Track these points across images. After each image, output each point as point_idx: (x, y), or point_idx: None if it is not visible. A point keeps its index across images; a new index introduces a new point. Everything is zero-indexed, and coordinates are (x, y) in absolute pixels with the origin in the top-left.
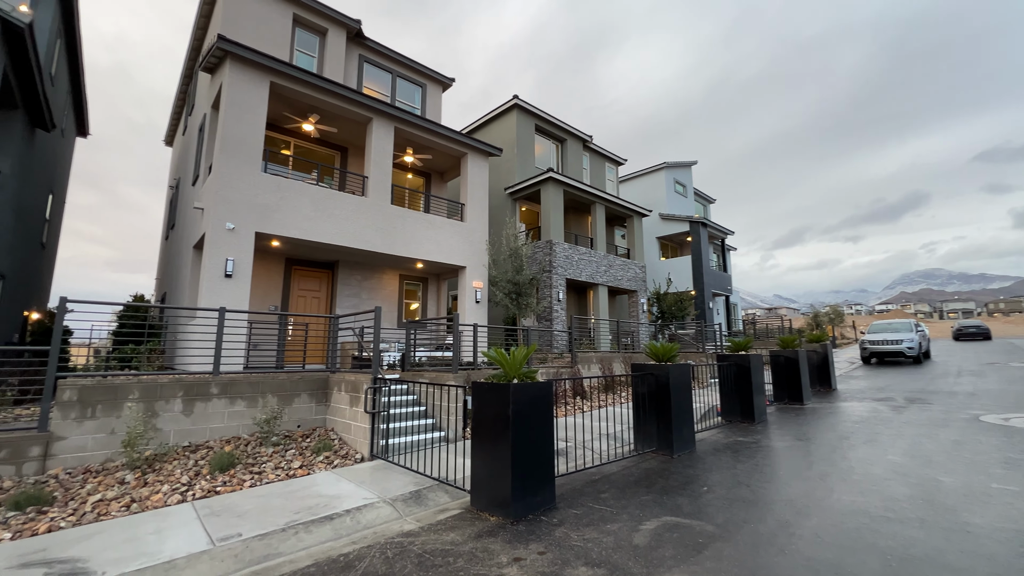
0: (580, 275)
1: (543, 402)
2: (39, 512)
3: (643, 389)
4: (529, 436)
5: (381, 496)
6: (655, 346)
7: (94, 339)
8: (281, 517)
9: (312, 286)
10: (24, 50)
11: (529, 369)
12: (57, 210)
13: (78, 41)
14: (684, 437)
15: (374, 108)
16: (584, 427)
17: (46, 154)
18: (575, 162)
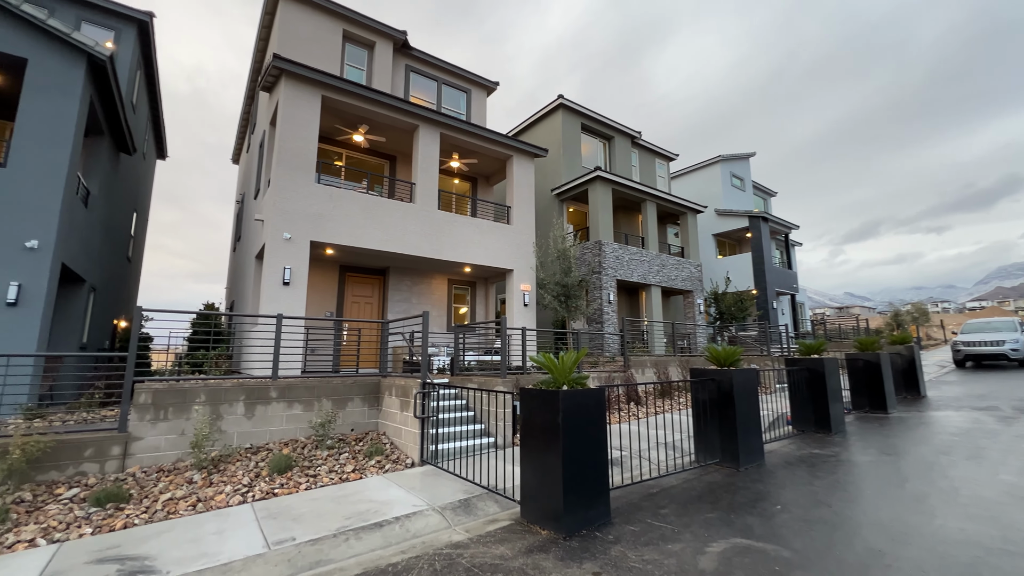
0: (631, 276)
1: (595, 410)
2: (117, 508)
3: (704, 396)
4: (581, 446)
5: (430, 504)
6: (716, 350)
7: (172, 345)
8: (333, 522)
9: (365, 292)
10: (107, 81)
11: (579, 375)
12: (141, 227)
13: (155, 72)
14: (751, 448)
15: (420, 115)
16: (639, 435)
17: (129, 176)
18: (623, 160)
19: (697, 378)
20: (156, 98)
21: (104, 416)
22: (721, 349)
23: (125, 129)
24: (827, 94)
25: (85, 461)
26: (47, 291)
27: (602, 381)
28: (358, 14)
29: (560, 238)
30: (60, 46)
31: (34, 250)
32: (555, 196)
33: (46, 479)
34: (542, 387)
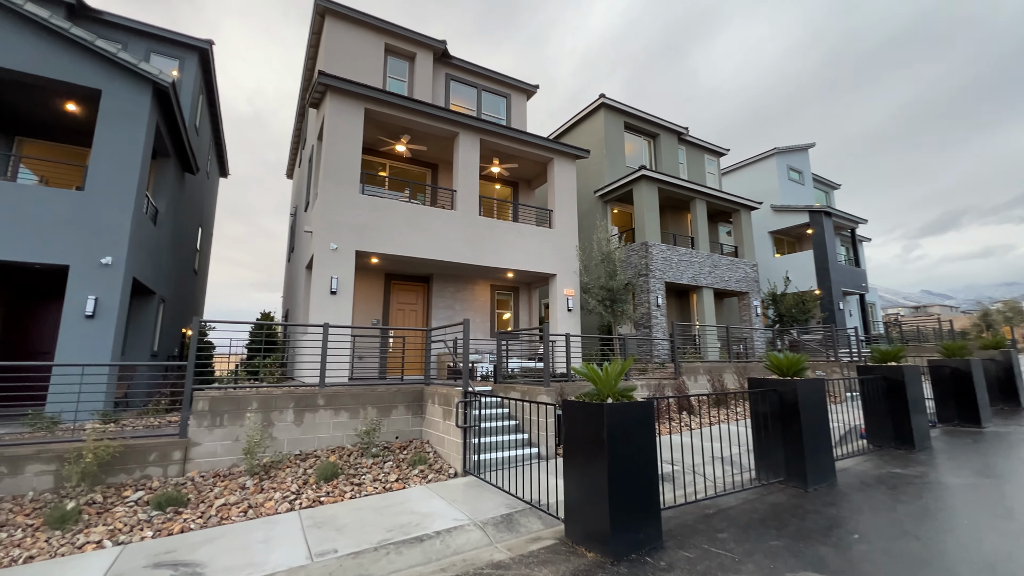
0: (681, 278)
1: (643, 424)
2: (176, 512)
3: (764, 408)
4: (628, 462)
5: (472, 518)
6: (777, 358)
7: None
8: (375, 534)
9: (409, 299)
10: (170, 106)
11: (626, 387)
12: (206, 241)
13: (216, 95)
14: (821, 466)
15: (458, 122)
16: (693, 447)
17: (194, 194)
18: (670, 157)
19: (757, 388)
20: (217, 120)
21: (169, 421)
22: (784, 357)
23: (188, 150)
24: (895, 76)
25: (150, 465)
26: (120, 304)
27: (651, 389)
28: (398, 27)
29: (604, 240)
30: (129, 76)
31: (108, 266)
32: (599, 198)
33: (115, 481)
34: (585, 399)
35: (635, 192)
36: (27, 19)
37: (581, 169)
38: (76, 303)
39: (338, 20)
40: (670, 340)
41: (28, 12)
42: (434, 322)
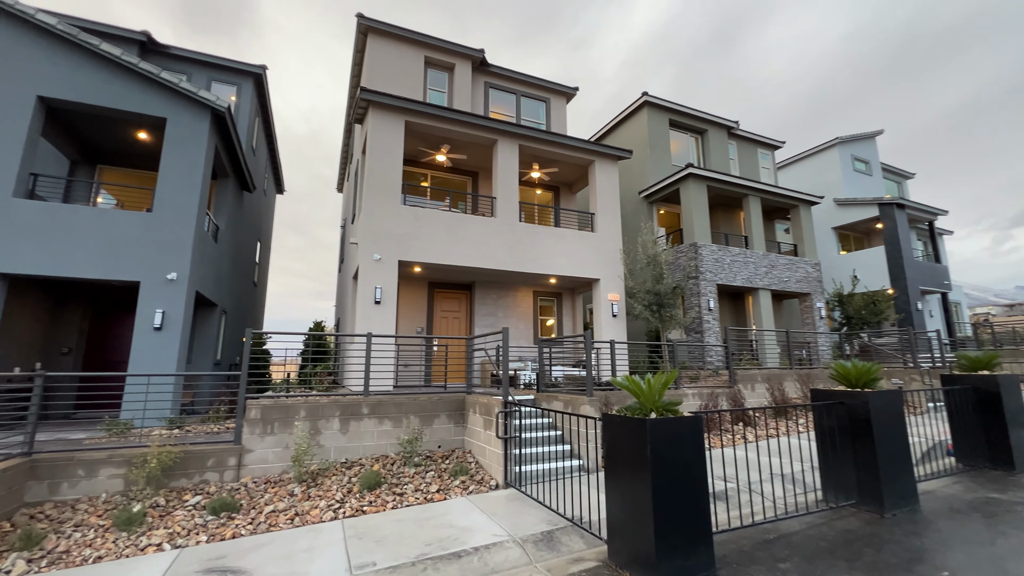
0: (734, 279)
1: (690, 441)
2: (229, 518)
3: (830, 422)
4: (674, 482)
5: (511, 534)
6: (844, 367)
7: (288, 360)
8: (413, 548)
9: (452, 307)
10: (227, 130)
11: (670, 401)
12: (264, 255)
13: (270, 117)
14: (900, 489)
15: (496, 129)
16: (750, 463)
17: (253, 210)
18: (719, 153)
19: (821, 401)
20: (272, 140)
21: (227, 428)
22: (852, 366)
23: (245, 170)
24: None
25: (208, 470)
26: (184, 316)
27: (703, 398)
28: (437, 39)
29: (649, 243)
30: (190, 104)
31: (173, 281)
32: (643, 199)
33: (177, 485)
34: (627, 413)
35: (682, 191)
36: (102, 57)
37: (624, 170)
38: (146, 316)
39: (380, 37)
40: (723, 346)
41: (103, 51)
42: (477, 329)
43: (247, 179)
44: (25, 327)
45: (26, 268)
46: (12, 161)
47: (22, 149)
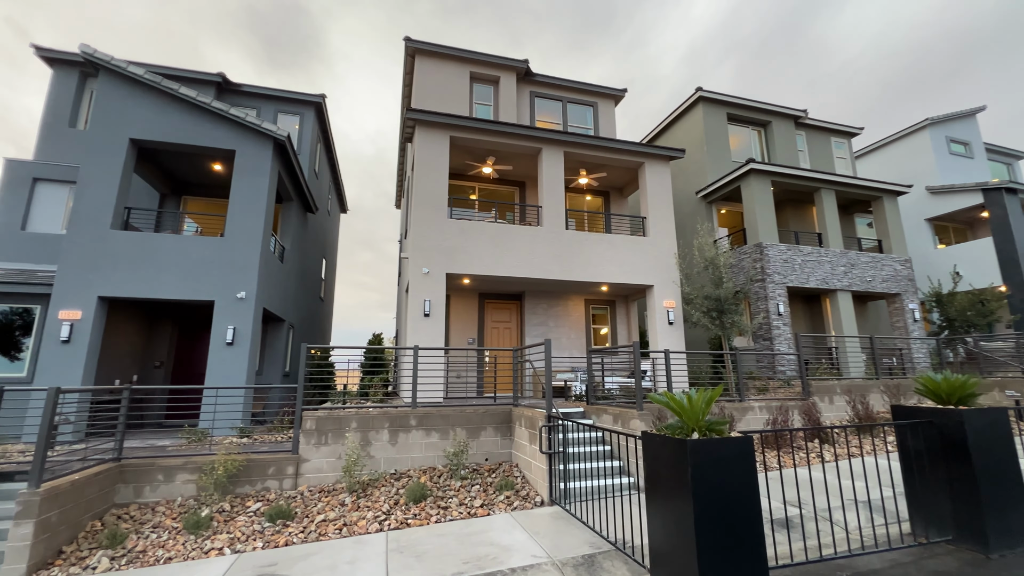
0: (807, 281)
1: (739, 465)
2: (284, 525)
3: (918, 444)
4: (722, 509)
5: (551, 556)
6: (932, 380)
7: (349, 372)
8: (450, 566)
9: (503, 317)
10: (287, 157)
11: (716, 420)
12: (330, 271)
13: (331, 142)
14: (1009, 525)
15: (540, 138)
16: (825, 485)
17: (318, 230)
18: (785, 146)
19: (905, 420)
20: (334, 163)
21: (289, 438)
22: (942, 380)
23: (307, 193)
24: None
25: (269, 478)
26: (252, 332)
27: (772, 411)
28: (480, 54)
29: (706, 244)
30: (254, 135)
31: (243, 299)
32: (701, 199)
33: (242, 492)
34: (667, 432)
35: (743, 188)
36: (181, 100)
37: (680, 170)
38: (220, 332)
39: (426, 57)
40: (794, 354)
41: (181, 94)
42: (527, 340)
43: (309, 201)
44: (124, 343)
45: (121, 291)
46: (110, 197)
47: (117, 186)
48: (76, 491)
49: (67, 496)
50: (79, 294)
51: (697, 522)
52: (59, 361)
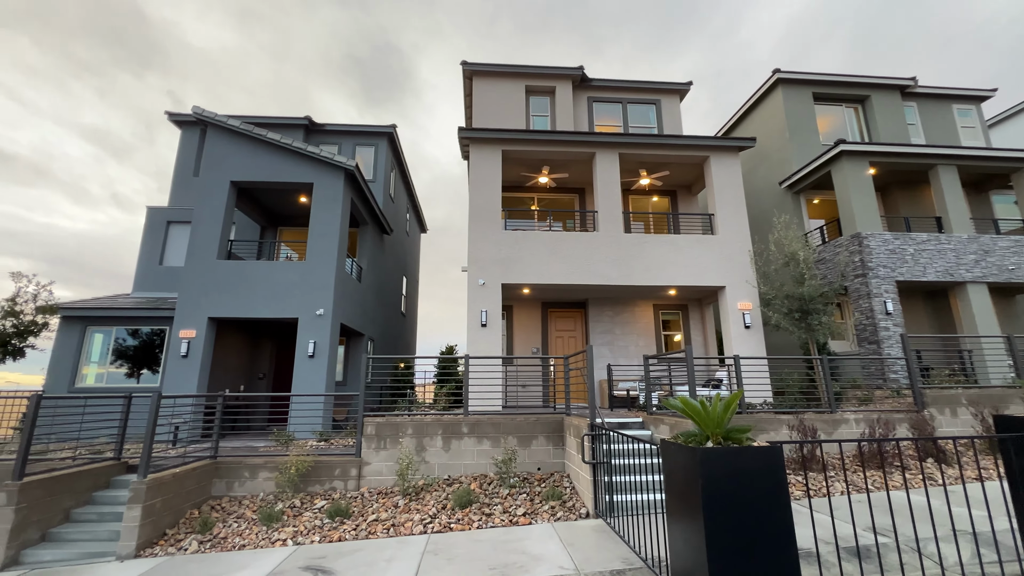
0: (923, 273)
1: (765, 478)
2: (340, 523)
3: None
4: (740, 528)
5: (579, 568)
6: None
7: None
8: (477, 570)
9: (567, 326)
10: (358, 185)
11: (739, 427)
12: (412, 288)
13: (405, 168)
14: None
15: (591, 142)
16: (934, 512)
17: (397, 250)
18: (890, 120)
19: (1009, 432)
20: (410, 186)
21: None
22: None
23: (381, 217)
24: None
25: (335, 479)
26: (330, 345)
27: (870, 424)
28: (534, 67)
29: (786, 239)
30: (328, 168)
31: (321, 316)
32: (786, 190)
33: (312, 490)
34: (681, 440)
35: (834, 174)
36: (268, 143)
37: (761, 160)
38: (303, 346)
39: (483, 77)
40: (900, 358)
41: (268, 139)
42: (593, 348)
43: (384, 224)
44: (233, 358)
45: (225, 312)
46: (216, 232)
47: (221, 222)
48: (177, 483)
49: (169, 487)
50: (193, 316)
51: (709, 542)
52: (179, 373)
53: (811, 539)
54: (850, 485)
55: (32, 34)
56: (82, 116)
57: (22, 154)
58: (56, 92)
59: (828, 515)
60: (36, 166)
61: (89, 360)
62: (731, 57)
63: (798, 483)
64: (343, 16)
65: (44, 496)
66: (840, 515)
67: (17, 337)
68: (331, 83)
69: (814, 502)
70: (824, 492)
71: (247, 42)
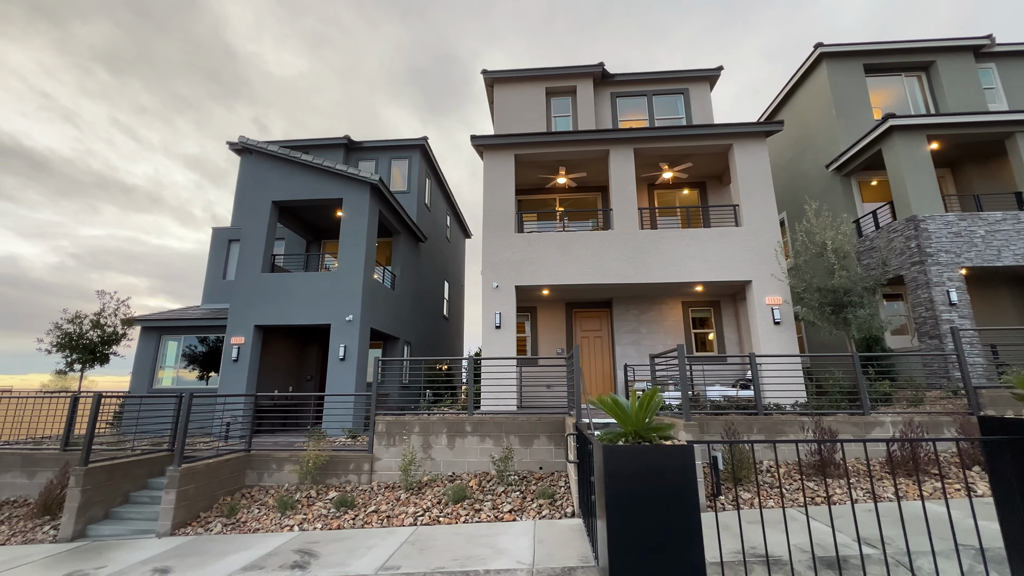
0: (998, 257)
1: (674, 479)
2: (344, 512)
3: (1015, 469)
4: (646, 530)
5: (535, 564)
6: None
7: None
8: (439, 561)
9: (593, 326)
10: (383, 197)
11: (661, 424)
12: (456, 292)
13: (441, 177)
14: None
15: (604, 139)
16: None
17: (436, 257)
18: (961, 86)
19: (994, 435)
20: (448, 194)
21: None
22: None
23: (413, 226)
24: None
25: (350, 472)
26: (359, 349)
27: (909, 428)
28: (553, 68)
29: (818, 227)
30: (355, 183)
31: (351, 322)
32: (834, 173)
33: (330, 482)
34: (604, 439)
35: (885, 152)
36: (302, 164)
37: (809, 143)
38: (335, 350)
39: (503, 84)
40: (951, 354)
41: (301, 160)
42: (619, 348)
43: (417, 233)
44: (283, 361)
45: (268, 320)
46: (260, 247)
47: (264, 238)
48: (210, 472)
49: (201, 475)
50: (242, 324)
51: (610, 540)
52: (232, 376)
53: (793, 547)
54: (867, 492)
55: (142, 77)
56: (185, 147)
57: (140, 185)
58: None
59: (829, 524)
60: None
61: (164, 364)
62: (810, 28)
63: (808, 488)
64: (404, 30)
65: (106, 480)
66: (843, 524)
67: (102, 345)
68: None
69: (834, 509)
70: (833, 498)
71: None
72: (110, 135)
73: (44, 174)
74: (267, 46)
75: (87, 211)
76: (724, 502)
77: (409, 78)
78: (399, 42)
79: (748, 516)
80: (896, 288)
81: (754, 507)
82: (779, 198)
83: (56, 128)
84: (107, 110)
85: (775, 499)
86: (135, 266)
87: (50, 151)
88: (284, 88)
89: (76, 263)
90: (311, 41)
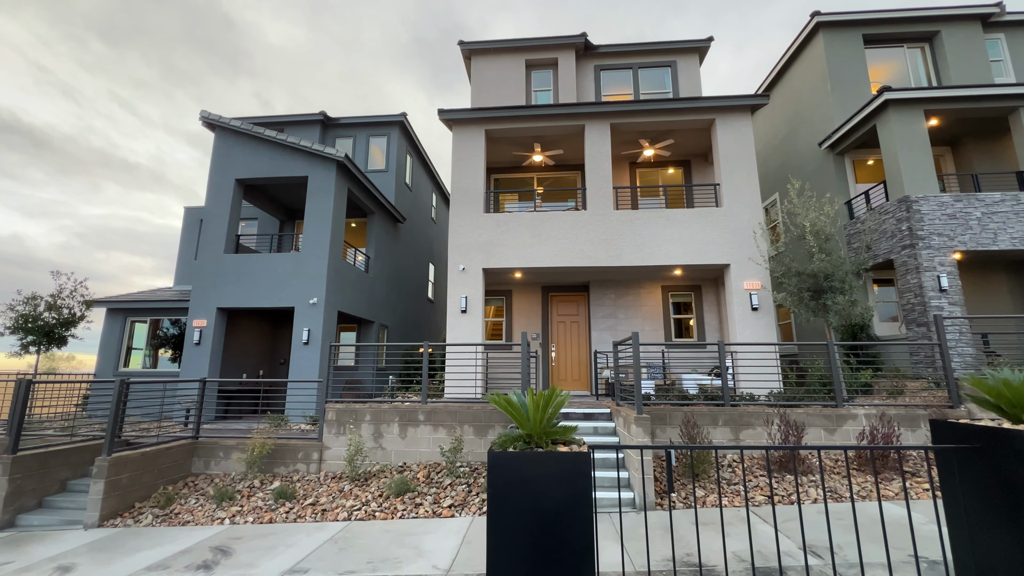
0: (994, 240)
1: (566, 488)
2: (280, 504)
3: (966, 480)
4: (533, 542)
5: (453, 568)
6: (984, 384)
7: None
8: (355, 563)
9: (569, 310)
10: (351, 175)
11: (564, 426)
12: (442, 274)
13: (424, 155)
14: None
15: (579, 114)
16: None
17: (420, 238)
18: (966, 58)
19: (947, 444)
20: (433, 173)
21: None
22: (1003, 382)
23: (388, 206)
24: None
25: (299, 461)
26: (323, 333)
27: (881, 422)
28: (532, 39)
29: (798, 208)
30: (320, 160)
31: (315, 305)
32: (827, 151)
33: (278, 471)
34: (504, 442)
35: (879, 128)
36: (267, 140)
37: (802, 120)
38: (298, 334)
39: (481, 56)
40: (933, 343)
41: (265, 136)
42: (595, 333)
43: (394, 213)
44: (251, 345)
45: (231, 303)
46: (222, 228)
47: (227, 218)
48: (147, 461)
49: (136, 464)
50: (204, 306)
51: (490, 551)
52: (193, 360)
53: (735, 554)
54: (831, 491)
55: (140, 49)
56: (186, 124)
57: (142, 163)
58: (165, 102)
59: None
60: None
61: (132, 347)
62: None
63: (768, 486)
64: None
65: (39, 468)
66: (786, 527)
67: (59, 327)
68: (400, 71)
69: (791, 510)
70: (798, 498)
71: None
72: (110, 110)
73: (46, 151)
74: (265, 15)
75: (90, 189)
76: (677, 499)
77: (415, 50)
78: (404, 10)
79: (705, 516)
80: (888, 273)
81: (706, 505)
82: (772, 179)
83: (56, 104)
84: (105, 84)
85: (729, 497)
86: (140, 246)
87: (50, 127)
88: (284, 60)
89: (81, 242)
90: (310, 9)
